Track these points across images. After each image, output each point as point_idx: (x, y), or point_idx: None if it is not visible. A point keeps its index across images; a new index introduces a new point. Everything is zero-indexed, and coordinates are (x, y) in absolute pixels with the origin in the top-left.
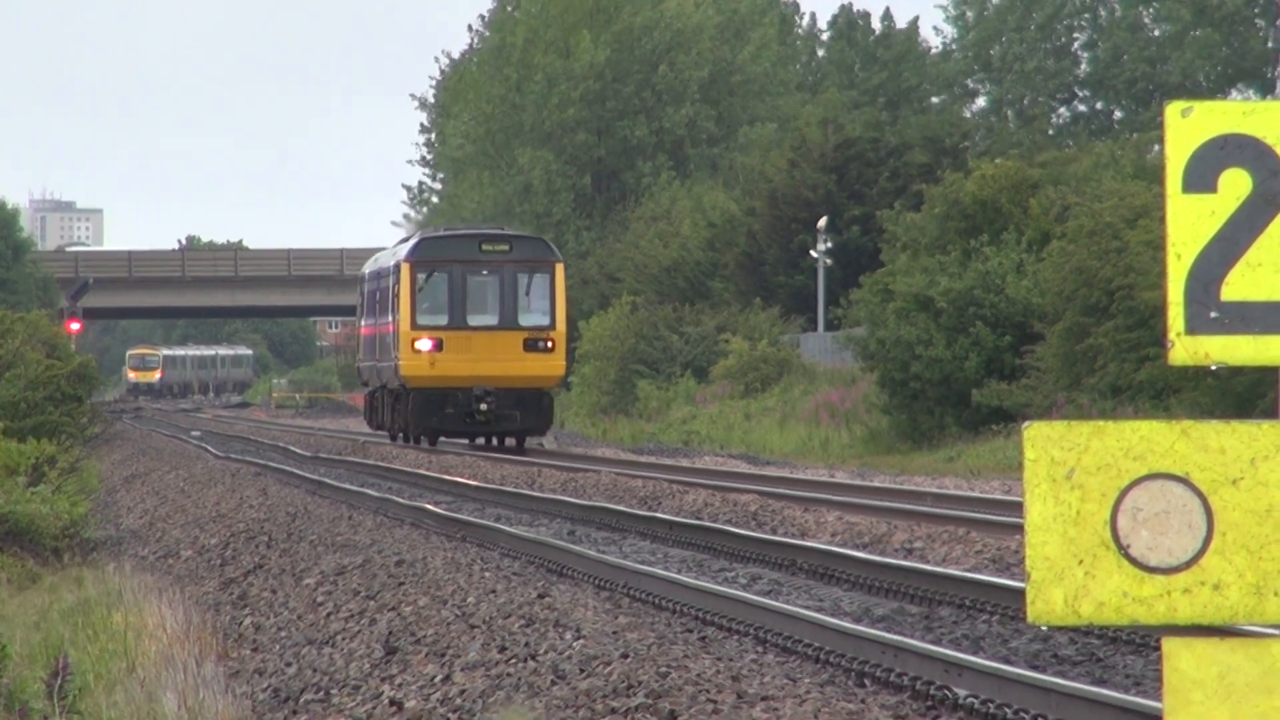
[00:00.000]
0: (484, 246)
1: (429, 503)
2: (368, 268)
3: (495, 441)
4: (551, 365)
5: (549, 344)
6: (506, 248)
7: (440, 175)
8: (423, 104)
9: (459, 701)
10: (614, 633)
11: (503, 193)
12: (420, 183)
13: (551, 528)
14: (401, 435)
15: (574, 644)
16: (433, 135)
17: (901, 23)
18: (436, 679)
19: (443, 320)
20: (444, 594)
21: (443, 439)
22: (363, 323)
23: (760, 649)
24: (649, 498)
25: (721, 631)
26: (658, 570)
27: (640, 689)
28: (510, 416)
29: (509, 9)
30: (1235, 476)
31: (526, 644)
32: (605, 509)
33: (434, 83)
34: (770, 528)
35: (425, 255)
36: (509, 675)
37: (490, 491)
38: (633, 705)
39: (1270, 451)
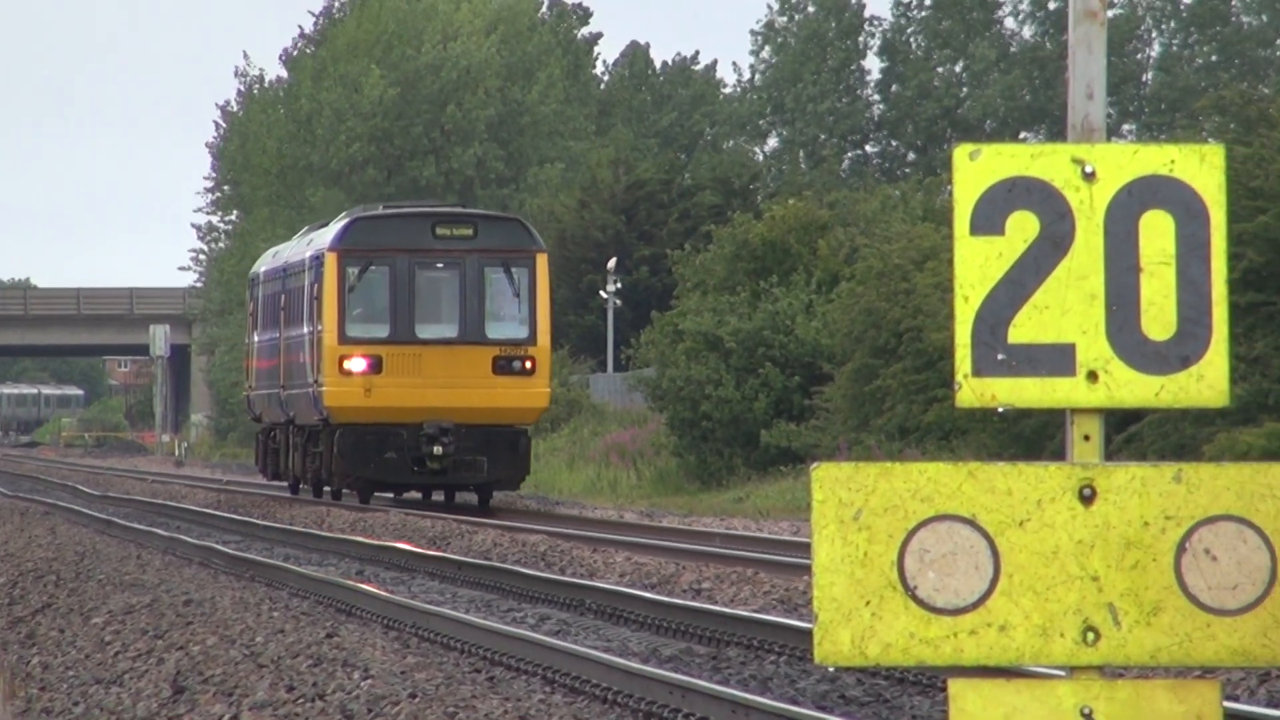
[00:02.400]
0: (439, 230)
1: (217, 542)
2: (263, 265)
3: (444, 495)
4: (530, 394)
5: (527, 364)
6: (469, 231)
7: (231, 215)
8: (216, 149)
9: None
10: (402, 673)
11: (293, 232)
12: (208, 222)
13: (340, 567)
14: (313, 488)
15: (362, 684)
16: (220, 176)
17: (694, 62)
18: (224, 719)
19: (382, 332)
20: (232, 633)
21: (379, 494)
22: (256, 338)
23: (548, 689)
24: (438, 537)
25: (510, 671)
26: (446, 610)
27: None
28: (474, 464)
29: (303, 47)
30: (1022, 518)
31: (315, 684)
32: (394, 549)
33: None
34: (559, 568)
35: (358, 242)
36: (297, 715)
37: (279, 531)
38: None
39: (1056, 494)
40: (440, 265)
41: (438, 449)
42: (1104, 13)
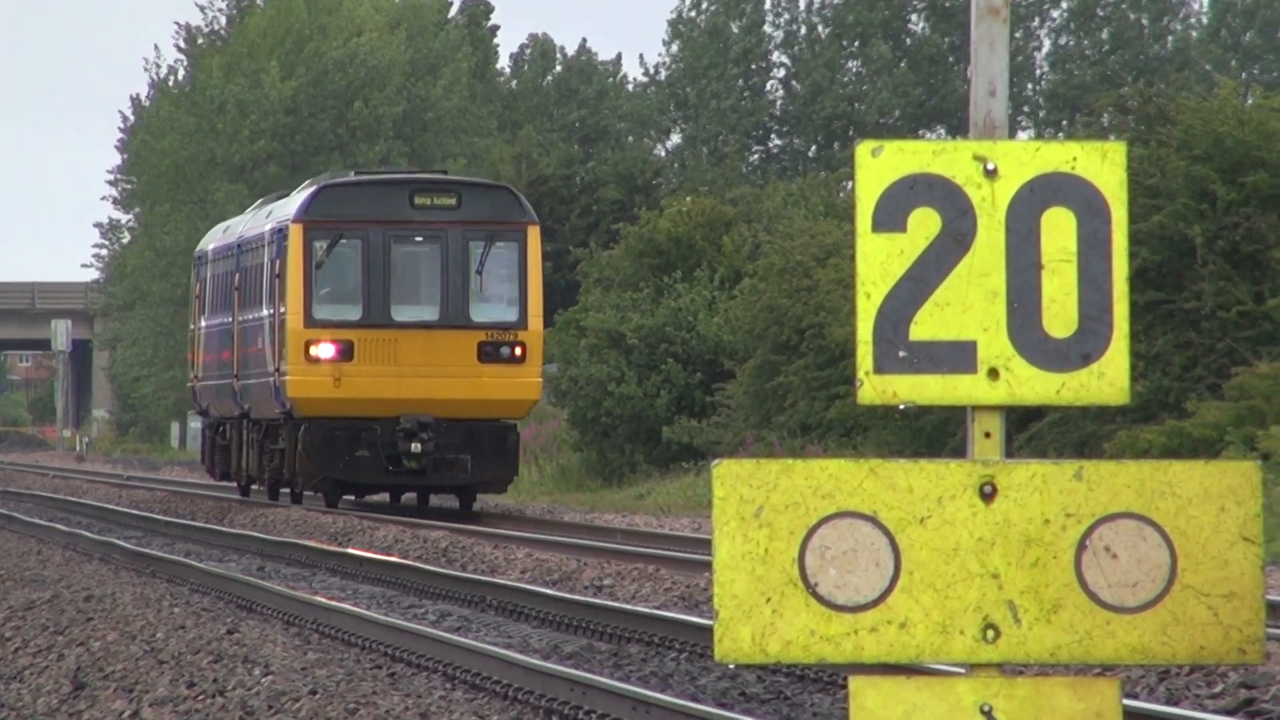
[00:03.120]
0: (417, 199)
1: (118, 538)
2: (211, 242)
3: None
4: (520, 384)
5: (517, 350)
6: (452, 201)
7: (134, 210)
8: (122, 143)
9: None
10: (303, 669)
11: (197, 227)
12: (110, 218)
13: (241, 564)
14: (269, 489)
15: (263, 680)
16: (123, 169)
17: (599, 57)
18: (125, 715)
19: (353, 314)
20: (133, 629)
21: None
22: (203, 323)
23: (449, 686)
24: (339, 534)
25: (410, 668)
26: (347, 606)
27: None
28: (457, 463)
29: (204, 42)
30: (923, 515)
31: (215, 680)
32: (295, 545)
33: (127, 120)
34: (460, 564)
35: (326, 212)
36: (197, 711)
37: (180, 527)
38: None
39: (957, 491)
40: (419, 239)
41: (416, 446)
42: (1006, 10)
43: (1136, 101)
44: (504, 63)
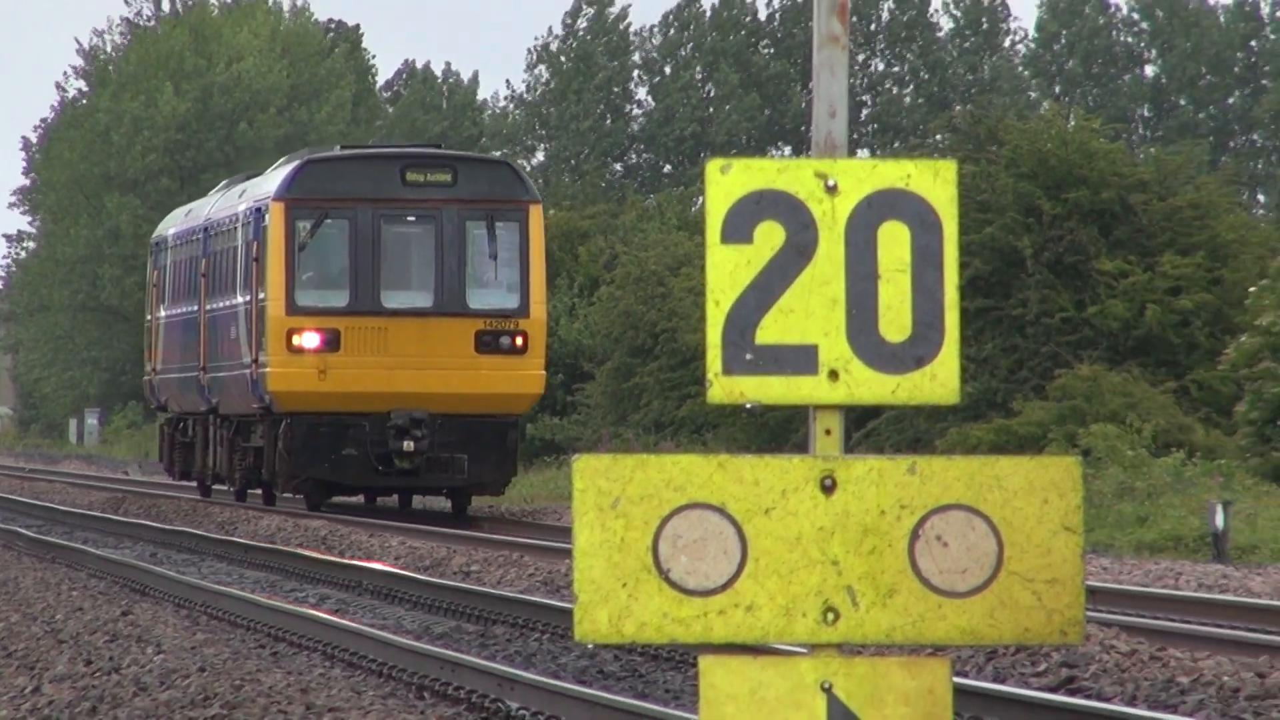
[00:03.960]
0: (409, 175)
1: (20, 526)
2: (171, 226)
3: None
4: (522, 377)
5: (518, 340)
6: (448, 177)
7: (37, 221)
8: (27, 148)
9: (47, 712)
10: (192, 648)
11: (95, 236)
12: (19, 231)
13: (135, 550)
14: (237, 491)
15: (155, 658)
16: (27, 187)
17: (474, 82)
18: (27, 690)
19: (340, 300)
20: (34, 611)
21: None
22: (163, 313)
23: (328, 664)
24: (226, 523)
25: (292, 647)
26: (233, 590)
27: (216, 700)
28: (452, 463)
29: (105, 61)
30: (768, 506)
31: (111, 658)
32: (185, 533)
33: (42, 125)
34: (339, 551)
35: (310, 190)
36: (94, 687)
37: (78, 516)
38: (209, 715)
39: (800, 484)
40: (411, 218)
41: (408, 444)
42: (845, 38)
43: (967, 123)
44: (380, 84)
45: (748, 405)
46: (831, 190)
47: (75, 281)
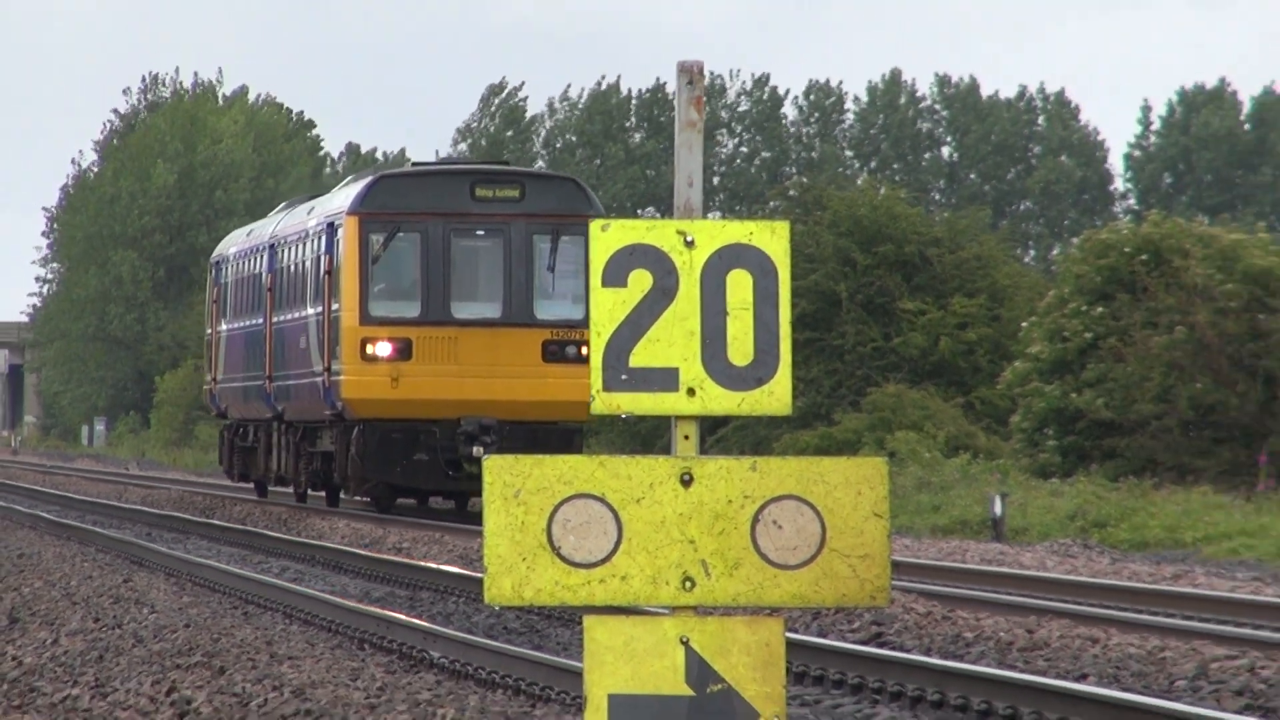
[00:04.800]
0: (479, 190)
1: (43, 511)
2: (233, 246)
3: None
4: (587, 385)
5: (583, 350)
6: (516, 193)
7: (60, 268)
8: (49, 215)
9: (64, 659)
10: (179, 609)
11: (103, 282)
12: (40, 276)
13: (134, 530)
14: (298, 493)
15: (149, 617)
16: (53, 238)
17: (404, 156)
18: (47, 641)
19: (411, 311)
20: (53, 578)
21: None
22: (224, 327)
23: (288, 621)
24: (207, 508)
25: (259, 608)
26: (213, 562)
27: (199, 650)
28: None
29: (114, 143)
30: (639, 496)
31: (114, 617)
32: (175, 516)
33: (62, 192)
34: (296, 531)
35: (383, 204)
36: (101, 640)
37: (88, 503)
38: (193, 663)
39: (664, 478)
40: (480, 232)
41: (478, 450)
42: (700, 122)
43: (799, 192)
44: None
45: (623, 415)
46: (690, 245)
47: (87, 317)
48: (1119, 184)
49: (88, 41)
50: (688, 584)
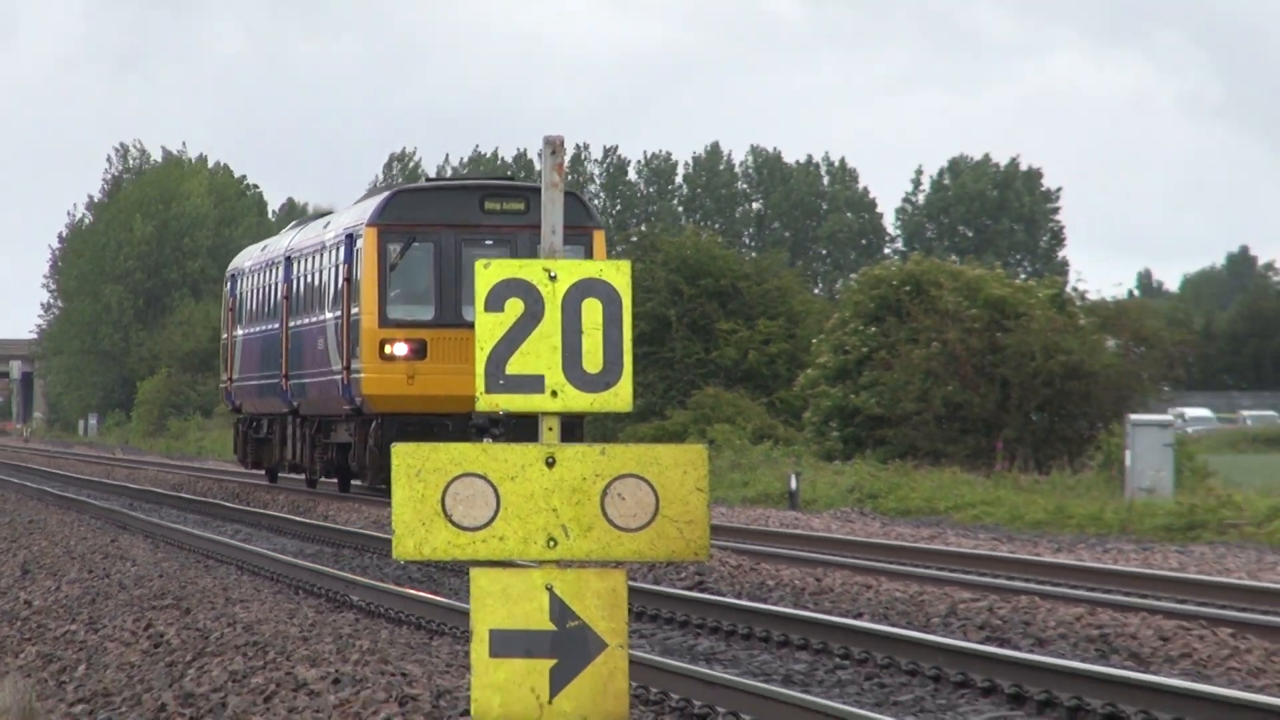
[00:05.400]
0: (488, 204)
1: (48, 487)
2: (247, 260)
3: None
4: None
5: None
6: (522, 206)
7: (60, 301)
8: (53, 257)
9: (65, 602)
10: (155, 562)
11: (95, 309)
12: (44, 302)
13: (120, 501)
14: (310, 479)
15: (131, 569)
16: (56, 275)
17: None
18: (52, 588)
19: (426, 314)
20: (56, 539)
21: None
22: (240, 332)
23: (240, 572)
24: (177, 485)
25: (218, 562)
26: (180, 526)
27: (169, 595)
28: None
29: (101, 198)
30: (513, 475)
31: (104, 569)
32: (151, 491)
33: (62, 234)
34: (245, 501)
35: (399, 217)
36: (94, 587)
37: (83, 481)
38: (165, 604)
39: (533, 461)
40: (489, 242)
41: (488, 441)
42: (561, 183)
43: (639, 237)
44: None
45: (501, 412)
46: (553, 279)
47: (83, 336)
48: (891, 231)
49: (73, 110)
50: (551, 543)
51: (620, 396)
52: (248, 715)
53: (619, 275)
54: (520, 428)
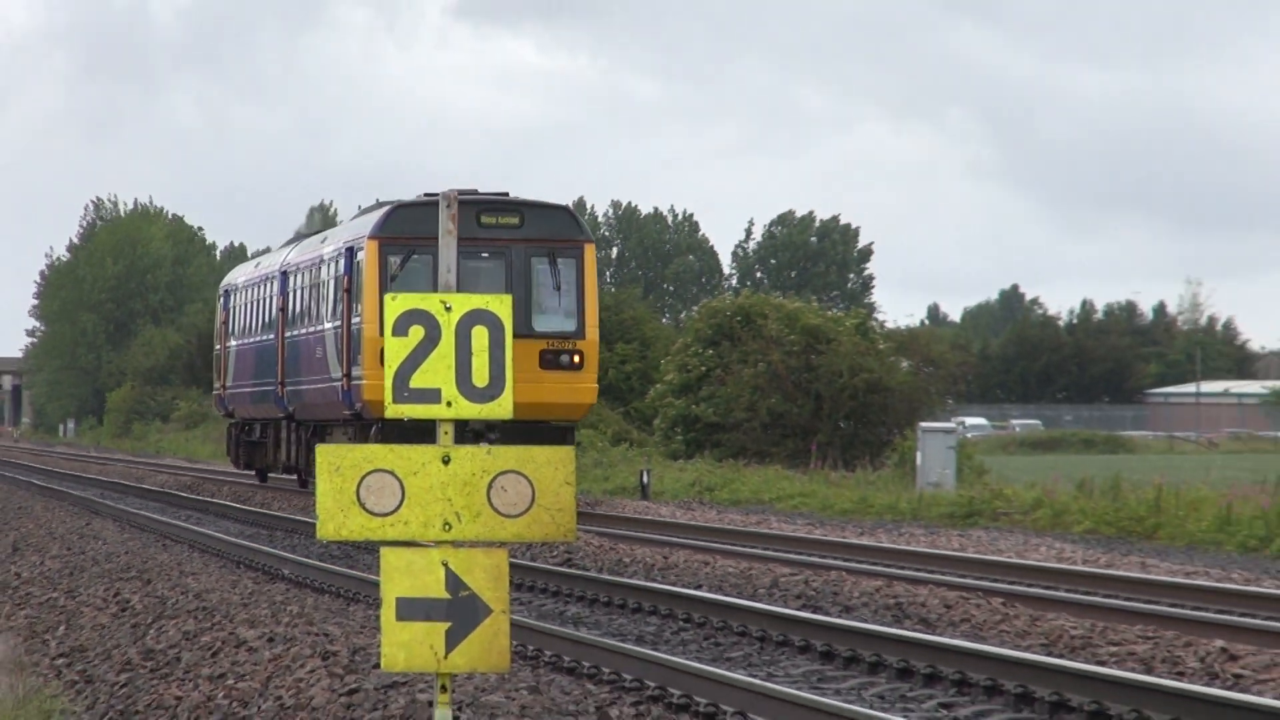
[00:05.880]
0: (484, 218)
1: (34, 479)
2: (240, 276)
3: None
4: (579, 389)
5: (576, 358)
6: (516, 220)
7: (43, 326)
8: (37, 288)
9: (48, 574)
10: (122, 541)
11: (72, 333)
12: (31, 327)
13: (92, 491)
14: (304, 479)
15: (102, 547)
16: (39, 305)
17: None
18: (37, 563)
19: None
20: (40, 522)
21: None
22: (233, 344)
23: (191, 550)
24: (140, 478)
25: (174, 542)
26: (143, 512)
27: (134, 569)
28: None
29: (78, 241)
30: (416, 470)
31: (80, 547)
32: (118, 484)
33: (44, 271)
34: (196, 492)
35: (399, 230)
36: (71, 562)
37: (62, 474)
38: (130, 575)
39: (432, 459)
40: (485, 255)
41: (484, 445)
42: (455, 231)
43: None
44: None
45: (407, 419)
46: (448, 310)
47: (62, 356)
48: (727, 271)
49: (54, 167)
50: (446, 527)
51: (503, 406)
52: (198, 668)
53: (501, 307)
54: (515, 433)
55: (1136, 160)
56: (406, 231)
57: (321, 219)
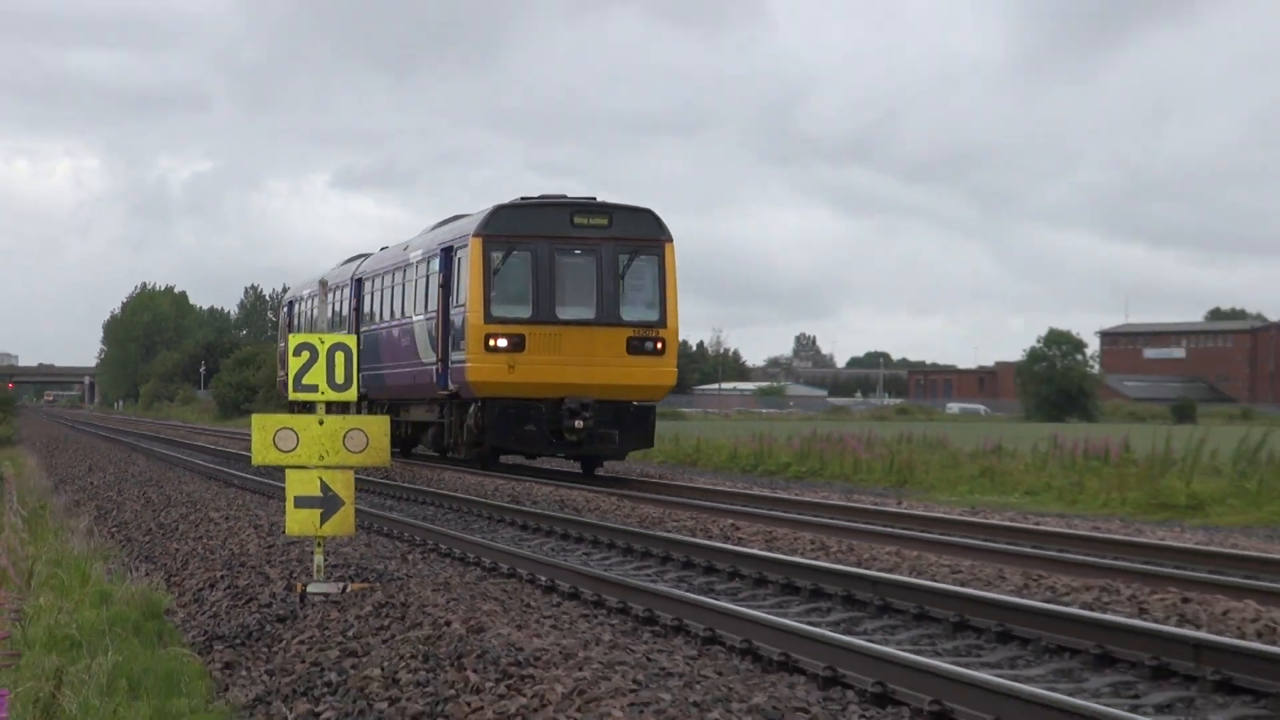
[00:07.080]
0: (576, 219)
1: (100, 434)
2: (305, 289)
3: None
4: (661, 372)
5: (658, 345)
6: (605, 221)
7: (106, 348)
8: (104, 330)
9: (108, 481)
10: (148, 466)
11: (122, 354)
12: (100, 350)
13: (131, 440)
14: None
15: (136, 469)
16: (105, 340)
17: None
18: (101, 477)
19: (524, 312)
20: (104, 454)
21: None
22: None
23: (185, 471)
24: (156, 432)
25: (176, 466)
26: (158, 449)
27: (154, 481)
28: (608, 437)
29: (125, 302)
30: (305, 427)
31: (124, 469)
32: (145, 434)
33: (105, 321)
34: (191, 440)
35: (501, 229)
36: (119, 476)
37: (115, 429)
38: (151, 484)
39: (313, 423)
40: (578, 251)
41: (578, 423)
42: (326, 297)
43: None
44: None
45: (290, 400)
46: (323, 343)
47: (116, 365)
48: None
49: (111, 261)
50: (321, 458)
51: (351, 393)
52: (187, 533)
53: (351, 340)
54: (605, 412)
55: None
56: (507, 230)
57: (252, 297)
